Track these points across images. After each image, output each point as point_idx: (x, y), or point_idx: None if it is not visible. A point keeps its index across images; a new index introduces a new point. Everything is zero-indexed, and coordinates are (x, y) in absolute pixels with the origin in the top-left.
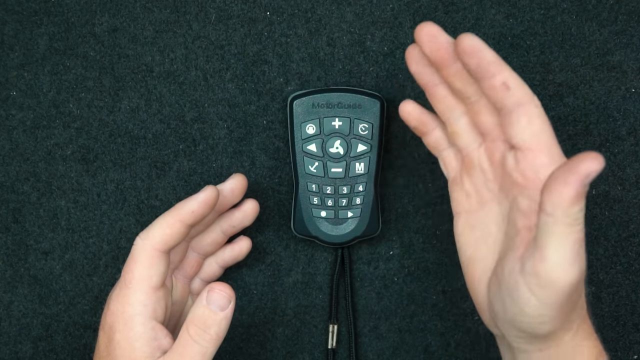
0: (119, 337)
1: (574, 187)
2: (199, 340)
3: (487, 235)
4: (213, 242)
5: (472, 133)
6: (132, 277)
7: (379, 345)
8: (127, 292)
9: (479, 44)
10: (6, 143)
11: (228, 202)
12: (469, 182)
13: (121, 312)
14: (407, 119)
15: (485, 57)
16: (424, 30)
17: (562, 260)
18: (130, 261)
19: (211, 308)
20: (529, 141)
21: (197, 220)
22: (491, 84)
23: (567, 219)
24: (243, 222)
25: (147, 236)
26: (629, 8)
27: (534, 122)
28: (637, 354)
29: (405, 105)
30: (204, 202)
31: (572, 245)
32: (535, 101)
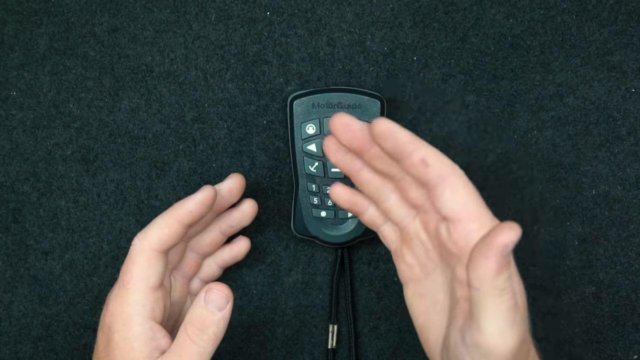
0: (117, 337)
1: (495, 260)
2: (197, 341)
3: (435, 303)
4: (212, 242)
5: (405, 207)
6: (130, 278)
7: (379, 345)
8: (126, 292)
9: (392, 127)
10: (6, 143)
11: (226, 202)
12: (410, 254)
13: (120, 313)
14: (338, 201)
15: (400, 138)
16: (337, 121)
17: (497, 330)
18: (128, 262)
19: (209, 308)
20: (456, 211)
21: (194, 220)
22: (410, 162)
23: (494, 290)
24: (242, 222)
25: (145, 236)
26: (629, 8)
27: (458, 192)
28: (637, 354)
29: (334, 188)
30: (202, 202)
31: (505, 314)
32: (457, 171)
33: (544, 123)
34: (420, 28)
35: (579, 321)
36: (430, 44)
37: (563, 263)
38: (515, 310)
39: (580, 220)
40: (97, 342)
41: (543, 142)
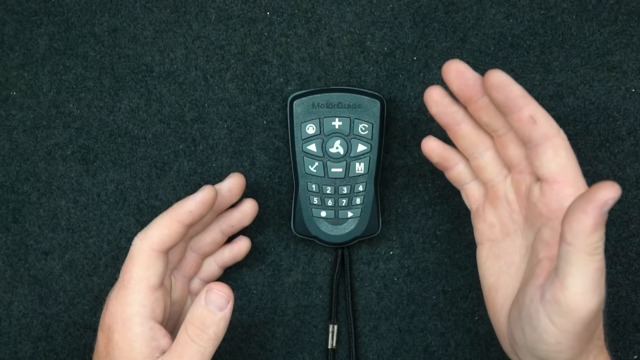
0: (117, 337)
1: (593, 216)
2: (198, 341)
3: (510, 264)
4: (212, 242)
5: (497, 166)
6: (131, 277)
7: (379, 345)
8: (126, 292)
9: (507, 79)
10: (6, 143)
11: (226, 201)
12: (493, 213)
13: (120, 313)
14: (429, 155)
15: (513, 92)
16: (452, 67)
17: (582, 289)
18: (128, 261)
19: (209, 308)
20: (554, 173)
21: (195, 221)
22: (518, 117)
23: (587, 247)
24: (242, 222)
25: (145, 236)
26: (629, 8)
27: (559, 155)
28: (637, 354)
29: (427, 141)
30: (202, 202)
31: (592, 274)
32: (561, 134)
33: None
34: (420, 28)
35: None
36: (430, 44)
37: None
38: (602, 273)
39: None
40: (97, 342)
41: None
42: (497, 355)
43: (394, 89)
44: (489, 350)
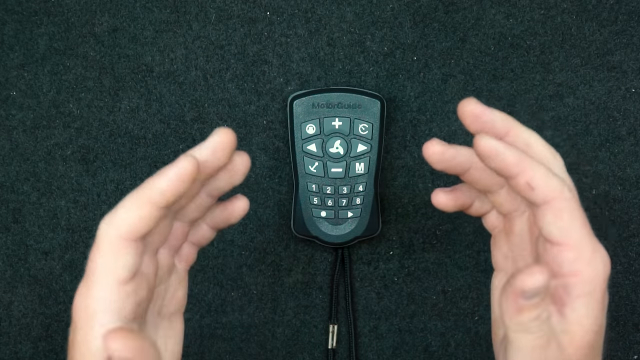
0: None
1: (513, 300)
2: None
3: None
4: (199, 207)
5: (514, 202)
6: (95, 269)
7: (379, 345)
8: (90, 285)
9: (498, 147)
10: (6, 143)
11: (213, 165)
12: (507, 246)
13: (84, 308)
14: (444, 209)
15: (505, 160)
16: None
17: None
18: (94, 249)
19: None
20: (555, 236)
21: (171, 201)
22: (515, 183)
23: (517, 326)
24: (231, 182)
25: (112, 221)
26: (629, 8)
27: (561, 218)
28: (637, 354)
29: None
30: (177, 179)
31: (530, 352)
32: (564, 194)
33: (544, 123)
34: (420, 28)
35: None
36: (430, 44)
37: None
38: (544, 350)
39: None
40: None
41: None
42: None
43: (394, 89)
44: (489, 350)
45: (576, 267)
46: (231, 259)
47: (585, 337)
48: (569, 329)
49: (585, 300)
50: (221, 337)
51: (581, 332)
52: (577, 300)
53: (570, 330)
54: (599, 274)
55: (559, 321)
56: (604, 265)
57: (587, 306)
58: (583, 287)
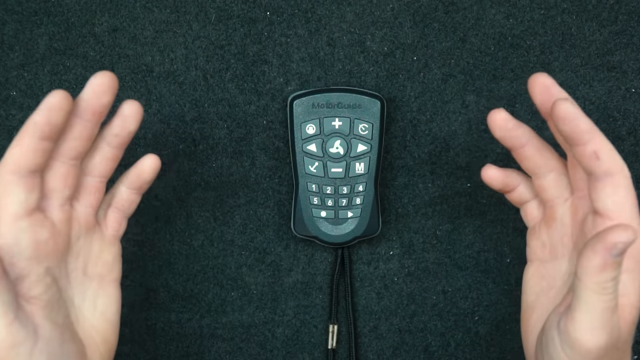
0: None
1: (601, 256)
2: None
3: (551, 287)
4: (102, 158)
5: (559, 188)
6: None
7: (379, 345)
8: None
9: (575, 112)
10: (6, 143)
11: (95, 104)
12: (546, 233)
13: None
14: (491, 183)
15: (579, 126)
16: (539, 81)
17: (589, 325)
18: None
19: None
20: (609, 210)
21: (46, 131)
22: (582, 151)
23: (594, 286)
24: (125, 127)
25: (2, 161)
26: (629, 8)
27: (618, 193)
28: (637, 354)
29: (487, 171)
30: (46, 108)
31: (599, 312)
32: (624, 172)
33: (544, 123)
34: (420, 28)
35: None
36: (430, 44)
37: None
38: (611, 313)
39: None
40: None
41: None
42: (497, 355)
43: (394, 89)
44: (489, 350)
45: None
46: (231, 259)
47: (632, 312)
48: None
49: (631, 276)
50: (221, 337)
51: (630, 307)
52: (625, 275)
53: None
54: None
55: None
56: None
57: (632, 281)
58: (628, 262)
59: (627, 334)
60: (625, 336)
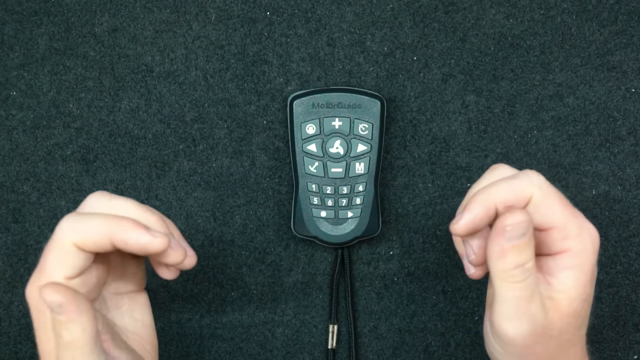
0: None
1: (497, 242)
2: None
3: None
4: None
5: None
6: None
7: (379, 345)
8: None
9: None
10: (6, 143)
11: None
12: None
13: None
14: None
15: (478, 220)
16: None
17: (504, 314)
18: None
19: (52, 314)
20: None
21: (127, 250)
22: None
23: (500, 274)
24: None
25: (74, 229)
26: (629, 8)
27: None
28: (637, 354)
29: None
30: (143, 247)
31: (512, 301)
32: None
33: (544, 123)
34: (420, 28)
35: None
36: (430, 44)
37: None
38: (527, 303)
39: None
40: None
41: (543, 142)
42: None
43: (394, 89)
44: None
45: (565, 245)
46: (231, 259)
47: (571, 305)
48: (555, 296)
49: (572, 272)
50: (221, 337)
51: (567, 300)
52: (565, 272)
53: (556, 298)
54: (586, 248)
55: (547, 288)
56: (592, 240)
57: (574, 278)
58: (571, 260)
59: (565, 325)
60: (561, 327)
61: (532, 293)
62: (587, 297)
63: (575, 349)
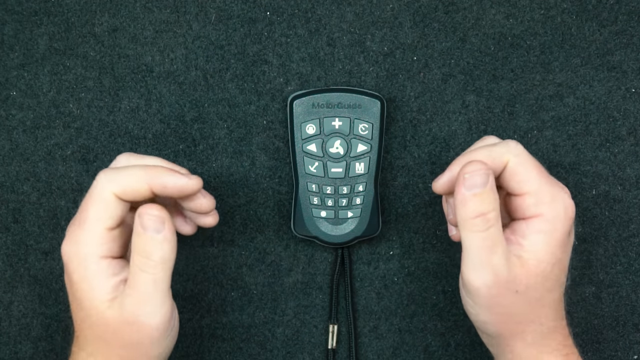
0: (76, 277)
1: (458, 191)
2: (146, 269)
3: None
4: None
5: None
6: (87, 218)
7: (379, 345)
8: (80, 232)
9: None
10: (6, 143)
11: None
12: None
13: (75, 253)
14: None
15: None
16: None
17: (469, 263)
18: (88, 199)
19: (147, 233)
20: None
21: (164, 196)
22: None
23: (463, 222)
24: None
25: (113, 179)
26: (629, 8)
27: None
28: (637, 354)
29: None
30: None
31: (475, 251)
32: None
33: (544, 123)
34: (420, 28)
35: (579, 321)
36: (430, 44)
37: None
38: (490, 253)
39: (580, 220)
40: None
41: (543, 142)
42: None
43: (394, 89)
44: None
45: (538, 210)
46: (231, 259)
47: (539, 266)
48: (524, 256)
49: (543, 236)
50: (221, 337)
51: (535, 261)
52: (536, 235)
53: (525, 257)
54: (559, 215)
55: (517, 248)
56: (564, 209)
57: (544, 241)
58: (542, 225)
59: (532, 283)
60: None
61: (495, 244)
62: (557, 261)
63: (546, 311)
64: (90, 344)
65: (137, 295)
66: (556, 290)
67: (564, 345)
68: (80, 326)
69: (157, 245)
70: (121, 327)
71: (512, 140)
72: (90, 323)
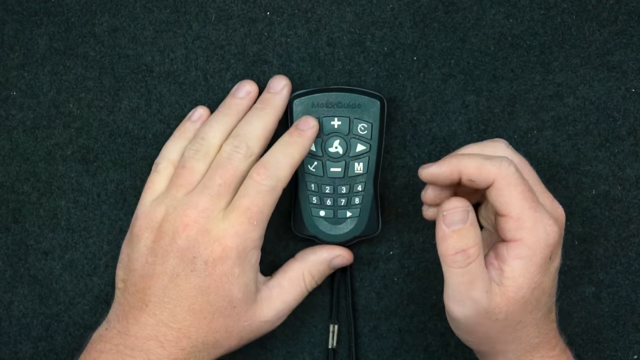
0: (237, 271)
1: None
2: (308, 287)
3: None
4: None
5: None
6: (262, 217)
7: (379, 345)
8: (251, 228)
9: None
10: (6, 143)
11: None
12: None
13: (242, 247)
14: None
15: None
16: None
17: (449, 296)
18: (260, 201)
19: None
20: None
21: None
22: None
23: (444, 258)
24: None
25: (279, 178)
26: (629, 8)
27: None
28: (637, 354)
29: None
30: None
31: (454, 286)
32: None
33: (544, 123)
34: (420, 28)
35: (579, 321)
36: (430, 44)
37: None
38: (468, 288)
39: (580, 220)
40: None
41: (543, 142)
42: None
43: (394, 89)
44: None
45: (518, 235)
46: None
47: (518, 292)
48: (504, 283)
49: (522, 262)
50: None
51: (515, 287)
52: (515, 261)
53: (505, 284)
54: (539, 241)
55: (498, 274)
56: (546, 235)
57: (522, 267)
58: (521, 250)
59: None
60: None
61: (474, 279)
62: (537, 285)
63: (528, 331)
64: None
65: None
66: (538, 311)
67: (550, 357)
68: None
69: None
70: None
71: (506, 159)
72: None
